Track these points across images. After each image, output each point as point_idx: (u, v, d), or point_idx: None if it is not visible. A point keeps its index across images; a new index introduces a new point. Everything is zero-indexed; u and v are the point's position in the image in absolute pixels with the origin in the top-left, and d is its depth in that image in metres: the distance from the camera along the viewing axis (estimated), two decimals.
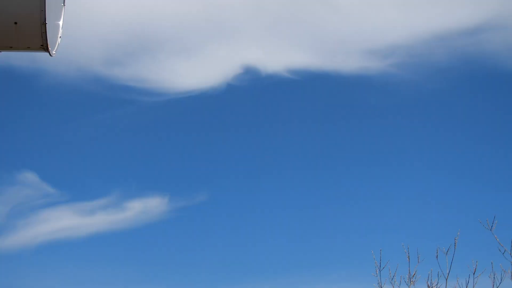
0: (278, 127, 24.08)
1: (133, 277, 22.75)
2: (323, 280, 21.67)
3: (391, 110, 23.85)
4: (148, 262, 23.11)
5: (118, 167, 24.06)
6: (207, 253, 23.03)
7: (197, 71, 23.29)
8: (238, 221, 23.53)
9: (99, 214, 22.70)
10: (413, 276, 14.34)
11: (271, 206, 23.59)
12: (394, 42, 22.81)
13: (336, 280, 21.43)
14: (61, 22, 8.20)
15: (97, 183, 23.67)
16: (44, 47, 7.73)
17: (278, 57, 23.33)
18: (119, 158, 24.11)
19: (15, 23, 7.55)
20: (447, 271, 14.08)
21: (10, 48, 7.70)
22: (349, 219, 23.32)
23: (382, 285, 14.59)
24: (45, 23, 7.58)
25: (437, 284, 14.13)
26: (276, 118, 24.09)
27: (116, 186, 23.29)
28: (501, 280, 13.98)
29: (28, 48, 7.73)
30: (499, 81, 23.61)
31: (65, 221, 22.81)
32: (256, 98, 24.26)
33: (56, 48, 7.91)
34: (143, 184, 23.75)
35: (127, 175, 23.84)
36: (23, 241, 22.62)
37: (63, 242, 22.97)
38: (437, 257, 14.24)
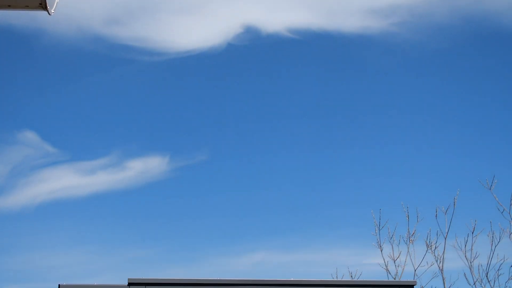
0: (278, 86, 24.05)
1: (134, 236, 22.90)
2: (322, 239, 21.81)
3: (392, 69, 23.79)
4: (148, 221, 23.24)
5: (119, 127, 24.08)
6: (207, 212, 23.15)
7: (197, 30, 23.18)
8: (238, 180, 23.61)
9: (99, 173, 22.76)
10: (412, 235, 14.47)
11: (271, 166, 23.65)
12: (395, 1, 22.66)
13: (335, 240, 21.57)
14: None
15: (98, 143, 23.71)
16: (43, 6, 7.66)
17: (278, 16, 23.19)
18: (119, 118, 24.12)
19: None
20: (446, 230, 14.21)
21: (9, 6, 7.64)
22: (349, 179, 23.40)
23: (382, 244, 14.73)
24: None
25: (436, 243, 14.28)
26: (276, 78, 24.05)
27: (116, 146, 23.33)
28: (499, 239, 14.13)
29: (27, 7, 7.67)
30: (502, 40, 23.49)
31: (65, 181, 22.88)
32: (257, 58, 24.17)
33: (54, 7, 7.85)
34: (143, 143, 23.79)
35: (128, 134, 23.87)
36: (24, 201, 22.72)
37: (64, 202, 23.08)
38: (436, 216, 14.37)
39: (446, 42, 23.34)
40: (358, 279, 13.00)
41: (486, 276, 13.96)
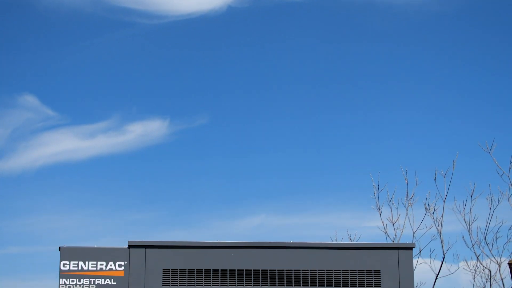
0: (279, 50, 23.93)
1: (134, 199, 22.99)
2: (322, 202, 21.91)
3: (395, 32, 23.65)
4: (148, 185, 23.31)
5: (119, 90, 24.02)
6: (207, 175, 23.20)
7: None
8: (238, 144, 23.62)
9: (99, 137, 22.77)
10: (411, 198, 14.52)
11: (271, 130, 23.66)
12: None
13: (335, 202, 21.67)
14: None
15: (98, 106, 23.68)
16: None
17: None
18: (119, 81, 24.05)
19: None
20: (445, 193, 14.24)
21: None
22: (349, 143, 23.43)
23: (380, 207, 14.79)
24: None
25: (434, 206, 14.33)
26: (278, 41, 23.91)
27: (116, 109, 23.30)
28: (498, 202, 14.17)
29: None
30: (505, 5, 23.34)
31: (66, 144, 22.91)
32: (258, 20, 24.02)
33: None
34: (143, 107, 23.75)
35: (128, 98, 23.82)
36: (24, 164, 22.76)
37: (64, 165, 23.12)
38: (435, 179, 14.39)
39: (449, 5, 23.19)
40: (357, 242, 13.10)
41: (485, 238, 14.04)
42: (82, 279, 8.41)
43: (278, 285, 8.55)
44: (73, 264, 8.44)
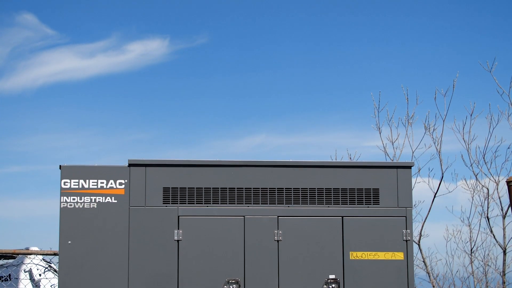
0: None
1: (134, 119, 23.03)
2: (323, 121, 21.96)
3: None
4: (148, 104, 23.31)
5: (118, 9, 23.77)
6: (208, 95, 23.18)
7: None
8: (239, 63, 23.51)
9: (99, 56, 22.65)
10: (411, 117, 14.52)
11: (271, 50, 23.51)
12: None
13: (335, 122, 21.71)
14: None
15: (97, 25, 23.48)
16: None
17: None
18: (118, 0, 23.75)
19: None
20: (445, 113, 14.23)
21: None
22: (349, 62, 23.32)
23: (380, 126, 14.81)
24: None
25: (434, 125, 14.34)
26: None
27: (116, 28, 23.09)
28: (498, 121, 14.17)
29: None
30: None
31: (65, 63, 22.80)
32: None
33: None
34: (143, 26, 23.55)
35: (127, 17, 23.58)
36: (24, 83, 22.71)
37: (64, 84, 23.10)
38: (435, 98, 14.35)
39: None
40: (357, 161, 13.16)
41: (483, 158, 14.09)
42: (83, 197, 8.49)
43: (277, 203, 8.63)
44: (73, 182, 8.51)
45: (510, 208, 13.49)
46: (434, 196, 14.16)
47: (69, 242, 8.42)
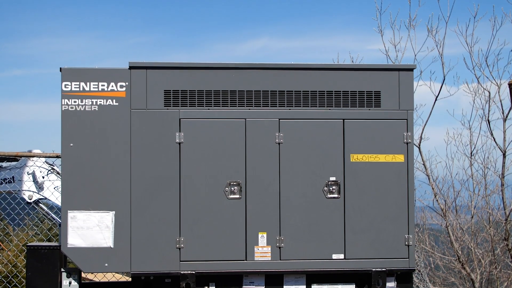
0: None
1: (135, 22, 22.82)
2: (325, 26, 21.79)
3: None
4: (150, 6, 23.05)
5: None
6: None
7: None
8: None
9: None
10: (413, 19, 14.35)
11: None
12: None
13: (337, 26, 21.57)
14: None
15: None
16: None
17: None
18: None
19: None
20: (448, 15, 14.07)
21: None
22: None
23: (383, 29, 14.66)
24: None
25: (437, 28, 14.19)
26: None
27: None
28: (501, 23, 14.04)
29: None
30: None
31: None
32: None
33: None
34: None
35: None
36: None
37: None
38: (438, 0, 14.16)
39: None
40: (359, 63, 13.07)
41: (486, 61, 14.04)
42: (84, 100, 8.47)
43: (279, 106, 8.62)
44: (74, 84, 8.47)
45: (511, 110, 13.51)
46: (436, 99, 14.19)
47: (71, 144, 8.45)
